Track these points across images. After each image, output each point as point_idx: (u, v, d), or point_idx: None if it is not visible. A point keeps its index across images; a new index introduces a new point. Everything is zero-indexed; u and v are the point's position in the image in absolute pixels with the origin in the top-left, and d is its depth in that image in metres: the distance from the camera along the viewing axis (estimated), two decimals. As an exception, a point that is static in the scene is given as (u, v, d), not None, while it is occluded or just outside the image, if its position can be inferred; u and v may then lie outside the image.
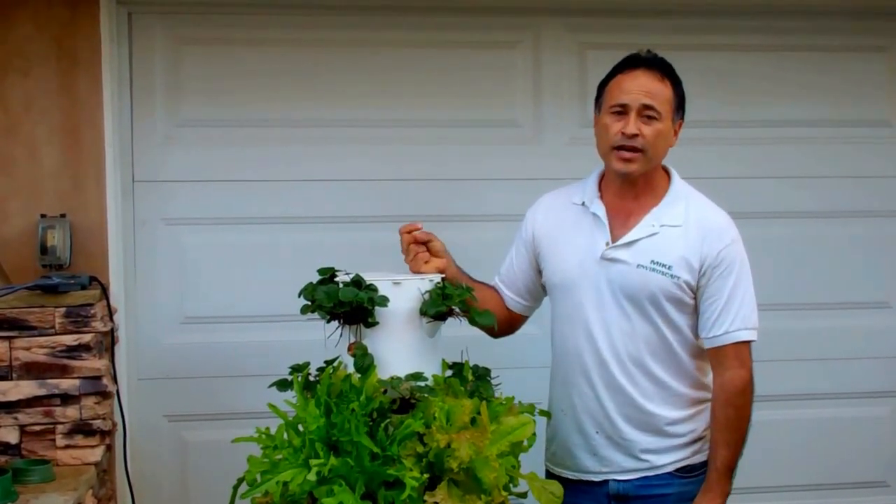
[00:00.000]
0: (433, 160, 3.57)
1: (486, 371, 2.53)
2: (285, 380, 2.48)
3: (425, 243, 2.61)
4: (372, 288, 2.41)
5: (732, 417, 2.56)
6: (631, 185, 2.61)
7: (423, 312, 2.44)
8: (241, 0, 3.45)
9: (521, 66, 3.65)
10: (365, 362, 2.37)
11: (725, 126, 3.71)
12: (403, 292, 2.44)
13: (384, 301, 2.40)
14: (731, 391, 2.56)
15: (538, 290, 2.79)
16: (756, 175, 3.73)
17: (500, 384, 2.52)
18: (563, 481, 2.62)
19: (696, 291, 2.57)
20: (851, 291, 3.82)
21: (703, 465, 2.62)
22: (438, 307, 2.42)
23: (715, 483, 2.56)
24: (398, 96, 3.57)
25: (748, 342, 2.58)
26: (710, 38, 3.72)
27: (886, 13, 3.78)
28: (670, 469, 2.61)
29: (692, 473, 2.62)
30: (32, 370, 2.92)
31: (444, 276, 2.55)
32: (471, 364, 2.52)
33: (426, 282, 2.47)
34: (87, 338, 2.95)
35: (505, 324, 2.74)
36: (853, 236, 3.81)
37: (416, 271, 2.58)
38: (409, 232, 2.61)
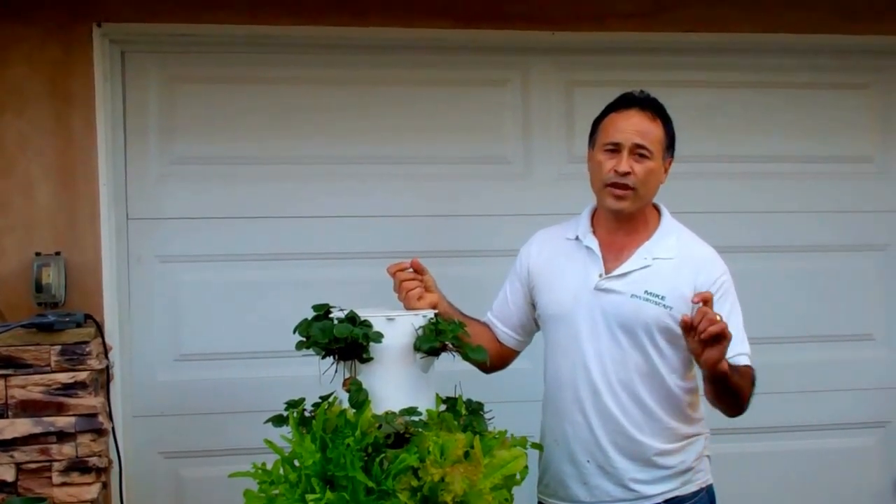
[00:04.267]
0: (426, 197, 3.60)
1: (479, 405, 2.53)
2: (281, 415, 2.47)
3: (421, 275, 2.63)
4: (366, 324, 2.40)
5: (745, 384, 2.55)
6: (623, 221, 2.67)
7: (416, 348, 2.43)
8: (234, 39, 3.47)
9: (511, 104, 3.69)
10: (360, 398, 2.36)
11: (710, 161, 3.74)
12: (397, 328, 2.43)
13: (379, 337, 2.39)
14: None
15: (531, 324, 2.83)
16: (739, 209, 3.77)
17: (492, 418, 2.52)
18: None
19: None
20: (836, 324, 3.86)
21: (693, 495, 2.66)
22: (432, 343, 2.42)
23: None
24: (391, 134, 3.60)
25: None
26: (696, 75, 3.78)
27: (869, 51, 3.83)
28: (659, 500, 2.63)
29: None
30: (28, 408, 2.92)
31: (437, 311, 2.55)
32: (464, 398, 2.53)
33: (419, 318, 2.47)
34: (82, 375, 2.95)
35: (497, 359, 2.77)
36: (836, 269, 3.86)
37: (409, 308, 2.60)
38: (401, 270, 2.63)
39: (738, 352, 2.58)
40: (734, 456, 3.57)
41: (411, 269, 2.64)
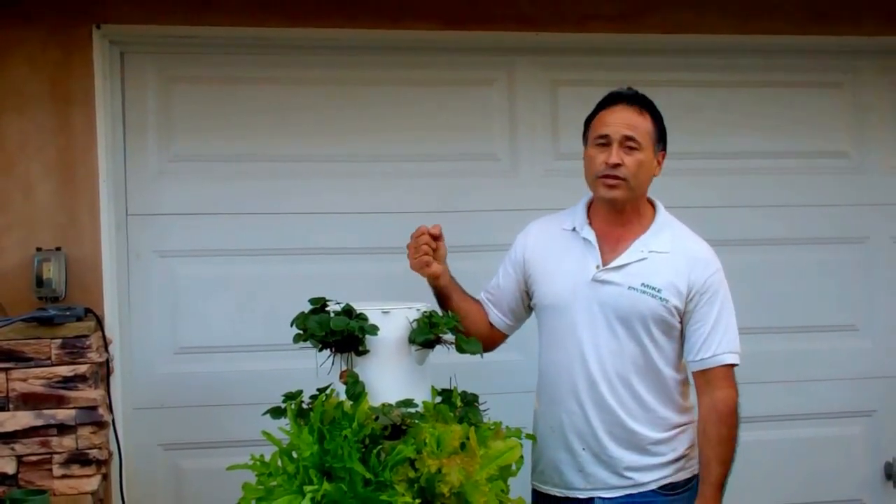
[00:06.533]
0: (416, 193, 3.55)
1: (474, 397, 2.51)
2: (279, 408, 2.44)
3: (436, 240, 2.62)
4: (362, 317, 2.40)
5: (725, 436, 2.59)
6: (619, 213, 2.65)
7: (411, 340, 2.41)
8: (230, 40, 3.43)
9: (498, 102, 3.65)
10: (356, 390, 2.35)
11: (691, 158, 3.68)
12: (392, 321, 2.41)
13: (374, 330, 2.37)
14: (722, 411, 2.59)
15: (522, 311, 2.80)
16: (722, 204, 3.74)
17: (487, 409, 2.50)
18: (551, 499, 2.67)
19: (682, 316, 2.61)
20: (819, 315, 3.83)
21: (686, 482, 2.64)
22: (426, 335, 2.41)
23: (710, 499, 2.58)
24: (383, 132, 3.55)
25: (733, 365, 2.62)
26: (676, 75, 3.74)
27: (842, 52, 3.81)
28: (653, 487, 2.61)
29: (675, 491, 2.63)
30: (29, 401, 2.88)
31: (428, 306, 2.54)
32: (459, 390, 2.50)
33: (413, 311, 2.45)
34: (82, 368, 2.91)
35: (487, 340, 2.73)
36: (818, 262, 3.83)
37: (415, 268, 2.60)
38: (424, 234, 2.62)
39: (726, 350, 2.60)
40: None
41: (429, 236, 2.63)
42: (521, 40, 3.58)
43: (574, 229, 2.68)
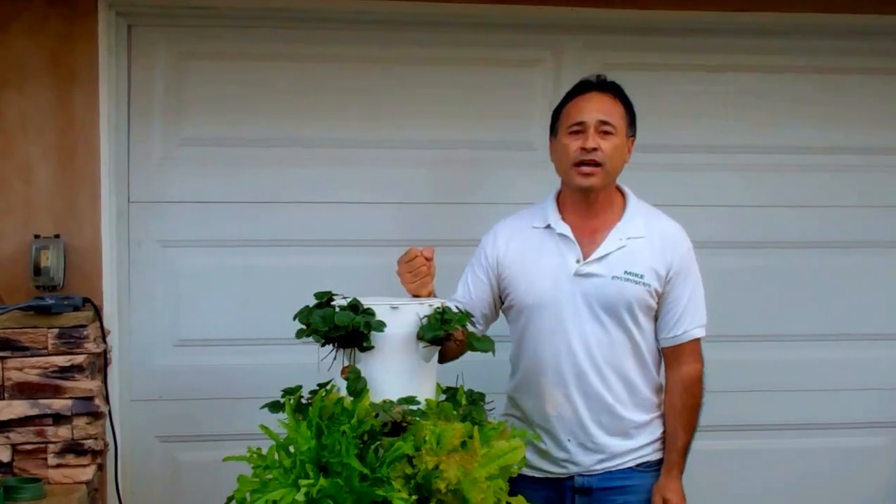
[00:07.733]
0: (445, 182, 3.77)
1: (481, 395, 2.75)
2: (277, 401, 2.66)
3: (428, 261, 2.81)
4: (369, 312, 2.57)
5: (690, 404, 3.03)
6: (591, 203, 2.99)
7: (420, 337, 2.60)
8: (249, 13, 3.56)
9: (541, 86, 3.79)
10: (357, 386, 2.55)
11: (747, 151, 3.90)
12: (400, 317, 2.60)
13: (381, 326, 2.56)
14: (688, 382, 3.02)
15: (493, 316, 3.13)
16: (781, 203, 3.95)
17: (493, 409, 2.73)
18: (529, 480, 2.97)
19: (660, 297, 2.99)
20: (854, 322, 4.03)
21: (659, 462, 3.05)
22: (436, 332, 2.59)
23: (675, 463, 3.02)
24: (409, 116, 3.72)
25: (700, 338, 3.03)
26: (736, 59, 3.88)
27: None
28: (632, 464, 3.02)
29: (649, 469, 3.04)
30: (25, 390, 3.09)
31: (443, 301, 2.74)
32: (466, 388, 2.72)
33: (425, 307, 2.62)
34: (79, 359, 3.12)
35: (461, 347, 2.90)
36: (857, 267, 4.03)
37: (413, 292, 2.79)
38: (419, 256, 2.81)
39: (696, 325, 3.02)
40: (749, 452, 3.75)
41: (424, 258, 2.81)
42: (570, 17, 3.71)
43: (548, 226, 3.01)
